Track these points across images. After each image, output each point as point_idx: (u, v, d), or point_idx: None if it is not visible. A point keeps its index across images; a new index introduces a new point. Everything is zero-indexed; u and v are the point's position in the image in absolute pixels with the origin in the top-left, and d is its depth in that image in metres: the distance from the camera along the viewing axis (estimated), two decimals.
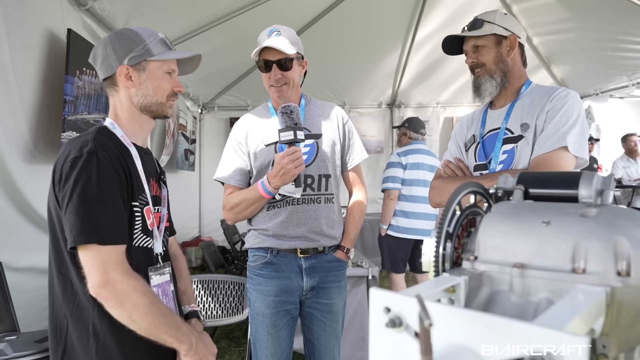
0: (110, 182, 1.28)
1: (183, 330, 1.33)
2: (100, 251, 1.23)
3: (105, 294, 1.23)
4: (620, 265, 0.53)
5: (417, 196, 4.05)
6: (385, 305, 0.50)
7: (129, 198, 1.35)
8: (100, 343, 1.30)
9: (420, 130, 4.31)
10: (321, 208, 2.01)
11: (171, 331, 1.29)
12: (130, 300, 1.24)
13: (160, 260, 1.46)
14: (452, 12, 4.80)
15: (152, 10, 3.70)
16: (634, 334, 0.55)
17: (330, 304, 2.04)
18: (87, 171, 1.26)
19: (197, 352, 1.35)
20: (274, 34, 1.96)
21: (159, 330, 1.28)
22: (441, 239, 0.66)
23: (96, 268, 1.23)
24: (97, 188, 1.25)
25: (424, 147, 4.28)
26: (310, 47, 2.59)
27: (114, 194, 1.29)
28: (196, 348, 1.35)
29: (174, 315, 1.34)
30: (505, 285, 0.59)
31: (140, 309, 1.25)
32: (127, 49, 1.40)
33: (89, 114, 3.21)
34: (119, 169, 1.32)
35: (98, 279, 1.22)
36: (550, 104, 1.69)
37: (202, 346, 1.39)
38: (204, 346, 1.40)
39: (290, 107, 1.82)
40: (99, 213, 1.24)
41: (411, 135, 4.29)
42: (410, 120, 4.40)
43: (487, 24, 1.80)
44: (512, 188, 0.72)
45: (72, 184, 1.25)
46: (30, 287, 2.62)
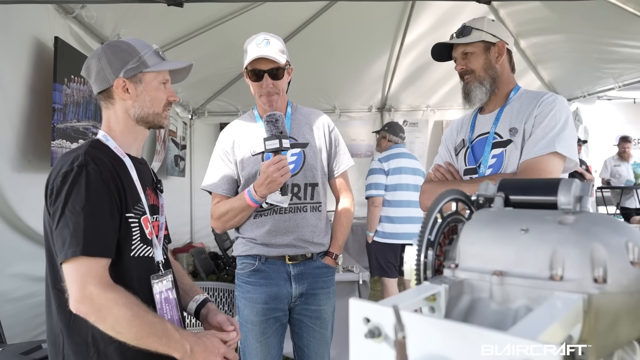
0: (100, 194, 1.28)
1: (175, 337, 1.29)
2: (80, 265, 1.22)
3: (84, 310, 1.21)
4: (596, 272, 0.54)
5: (400, 200, 4.05)
6: (364, 316, 0.50)
7: (122, 210, 1.34)
8: (101, 353, 1.30)
9: (399, 133, 4.34)
10: (308, 216, 2.01)
11: (161, 340, 1.26)
12: (111, 314, 1.21)
13: (161, 268, 1.45)
14: (440, 16, 4.83)
15: (140, 18, 3.68)
16: (612, 339, 0.56)
17: (320, 310, 2.04)
18: (77, 185, 1.26)
19: (192, 358, 1.30)
20: (263, 43, 1.95)
21: (147, 340, 1.25)
22: (422, 247, 0.66)
23: (74, 282, 1.21)
24: (86, 201, 1.25)
25: (404, 150, 4.29)
26: (299, 53, 2.60)
27: (103, 207, 1.28)
28: (191, 353, 1.30)
29: (164, 322, 1.31)
30: (485, 293, 0.60)
31: (123, 322, 1.22)
32: (122, 62, 1.40)
33: (78, 122, 3.20)
34: (109, 181, 1.31)
35: (76, 294, 1.21)
36: (538, 109, 1.71)
37: (202, 350, 1.32)
38: (205, 349, 1.33)
39: (275, 116, 1.81)
40: (88, 226, 1.23)
41: (391, 138, 4.30)
42: (390, 124, 4.45)
43: (475, 31, 1.82)
44: (493, 195, 0.72)
45: (64, 199, 1.25)
46: (16, 297, 2.60)
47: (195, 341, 1.31)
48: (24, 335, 2.42)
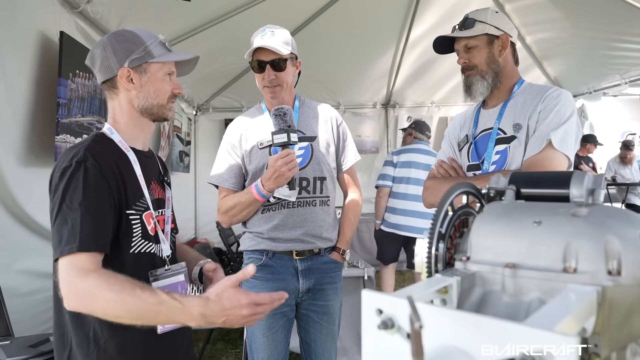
0: (98, 190, 1.26)
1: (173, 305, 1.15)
2: (72, 261, 1.19)
3: (73, 304, 1.17)
4: (611, 264, 0.53)
5: (405, 194, 4.18)
6: (377, 307, 0.50)
7: (122, 205, 1.33)
8: (101, 349, 1.29)
9: (425, 132, 4.49)
10: (317, 211, 2.00)
11: (160, 313, 1.15)
12: (95, 300, 1.15)
13: (168, 262, 1.44)
14: (446, 11, 4.81)
15: (146, 13, 3.68)
16: (625, 332, 0.55)
17: (327, 305, 2.04)
18: (74, 181, 1.24)
19: (208, 320, 1.16)
20: (268, 34, 1.94)
21: (146, 316, 1.17)
22: (433, 240, 0.66)
23: (63, 280, 1.18)
24: (84, 197, 1.23)
25: (423, 147, 4.37)
26: (304, 48, 2.59)
27: (100, 203, 1.26)
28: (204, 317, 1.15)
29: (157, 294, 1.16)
30: (497, 286, 0.60)
31: (110, 304, 1.15)
32: (127, 51, 1.38)
33: (82, 117, 3.20)
34: (109, 177, 1.30)
35: (64, 292, 1.18)
36: (542, 104, 1.68)
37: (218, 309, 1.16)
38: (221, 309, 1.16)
39: (283, 109, 1.80)
40: (84, 222, 1.21)
41: (417, 135, 4.45)
42: (417, 122, 4.60)
43: (478, 23, 1.79)
44: (504, 188, 0.72)
45: (61, 194, 1.24)
46: (24, 292, 2.61)
47: (205, 303, 1.15)
48: (31, 330, 2.42)
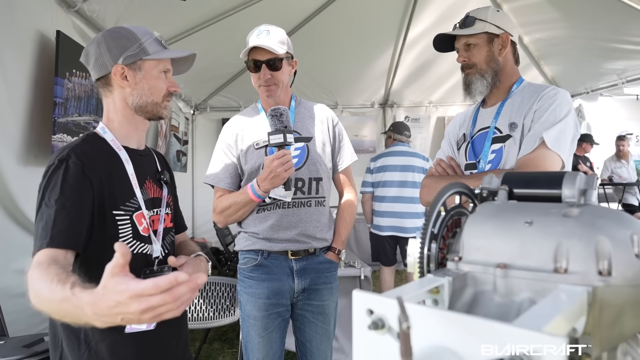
0: (76, 187, 1.24)
1: (69, 298, 0.98)
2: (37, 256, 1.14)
3: (32, 302, 1.07)
4: (601, 264, 0.53)
5: (383, 196, 4.41)
6: (368, 307, 0.50)
7: (107, 205, 1.31)
8: (92, 350, 1.29)
9: (404, 132, 4.61)
10: (312, 211, 2.00)
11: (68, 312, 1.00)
12: (30, 291, 1.06)
13: (156, 264, 1.40)
14: (443, 11, 4.81)
15: (142, 12, 3.67)
16: (616, 332, 0.55)
17: (322, 305, 2.04)
18: (54, 178, 1.24)
19: (93, 318, 0.96)
20: (264, 34, 1.94)
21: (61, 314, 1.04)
22: (425, 240, 0.66)
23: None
24: (60, 194, 1.22)
25: (399, 148, 4.49)
26: (302, 48, 2.59)
27: (77, 200, 1.24)
28: (91, 314, 0.95)
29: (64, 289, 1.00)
30: (488, 286, 0.60)
31: (35, 298, 1.05)
32: (122, 48, 1.36)
33: (79, 116, 3.19)
34: (93, 175, 1.28)
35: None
36: (538, 103, 1.68)
37: (104, 310, 0.92)
38: (105, 307, 0.92)
39: (279, 110, 1.80)
40: (57, 218, 1.19)
41: (395, 137, 4.59)
42: (395, 124, 4.76)
43: (478, 21, 1.79)
44: (497, 188, 0.72)
45: (42, 192, 1.24)
46: (19, 292, 2.60)
47: (94, 301, 0.94)
48: (27, 331, 2.41)
